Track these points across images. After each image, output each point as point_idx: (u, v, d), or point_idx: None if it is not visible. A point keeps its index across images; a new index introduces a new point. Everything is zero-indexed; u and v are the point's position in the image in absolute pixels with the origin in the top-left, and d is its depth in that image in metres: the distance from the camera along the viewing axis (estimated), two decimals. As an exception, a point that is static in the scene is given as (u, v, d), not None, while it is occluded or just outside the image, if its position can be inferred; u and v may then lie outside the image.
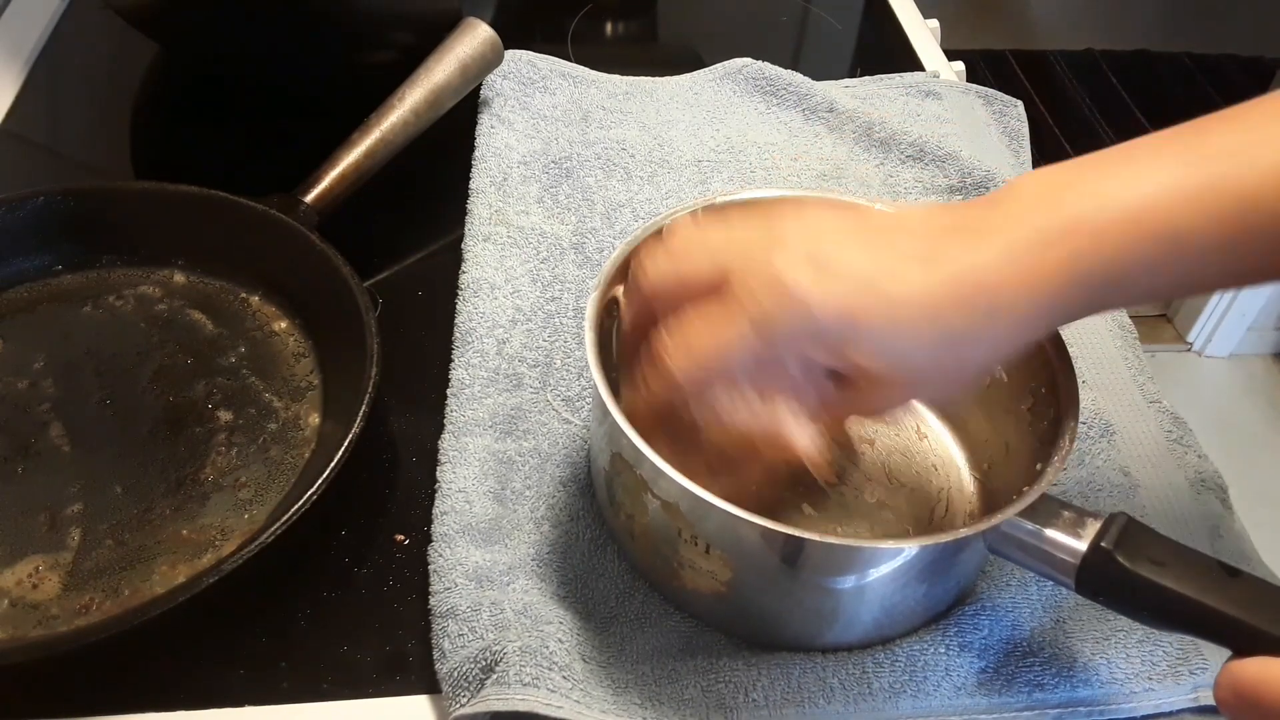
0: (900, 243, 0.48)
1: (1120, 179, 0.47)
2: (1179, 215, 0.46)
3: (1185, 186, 0.46)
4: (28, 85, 0.93)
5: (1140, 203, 0.46)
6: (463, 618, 0.54)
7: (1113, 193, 0.46)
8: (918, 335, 0.47)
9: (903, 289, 0.46)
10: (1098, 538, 0.49)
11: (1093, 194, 0.47)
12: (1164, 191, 0.46)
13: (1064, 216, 0.46)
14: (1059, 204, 0.47)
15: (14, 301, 0.71)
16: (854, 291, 0.46)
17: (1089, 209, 0.46)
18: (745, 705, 0.52)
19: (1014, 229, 0.47)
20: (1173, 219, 0.46)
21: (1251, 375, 2.18)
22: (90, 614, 0.56)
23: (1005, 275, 0.46)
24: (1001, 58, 2.60)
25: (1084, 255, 0.46)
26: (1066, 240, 0.46)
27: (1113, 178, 0.47)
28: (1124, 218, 0.46)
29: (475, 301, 0.71)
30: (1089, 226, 0.46)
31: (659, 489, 0.52)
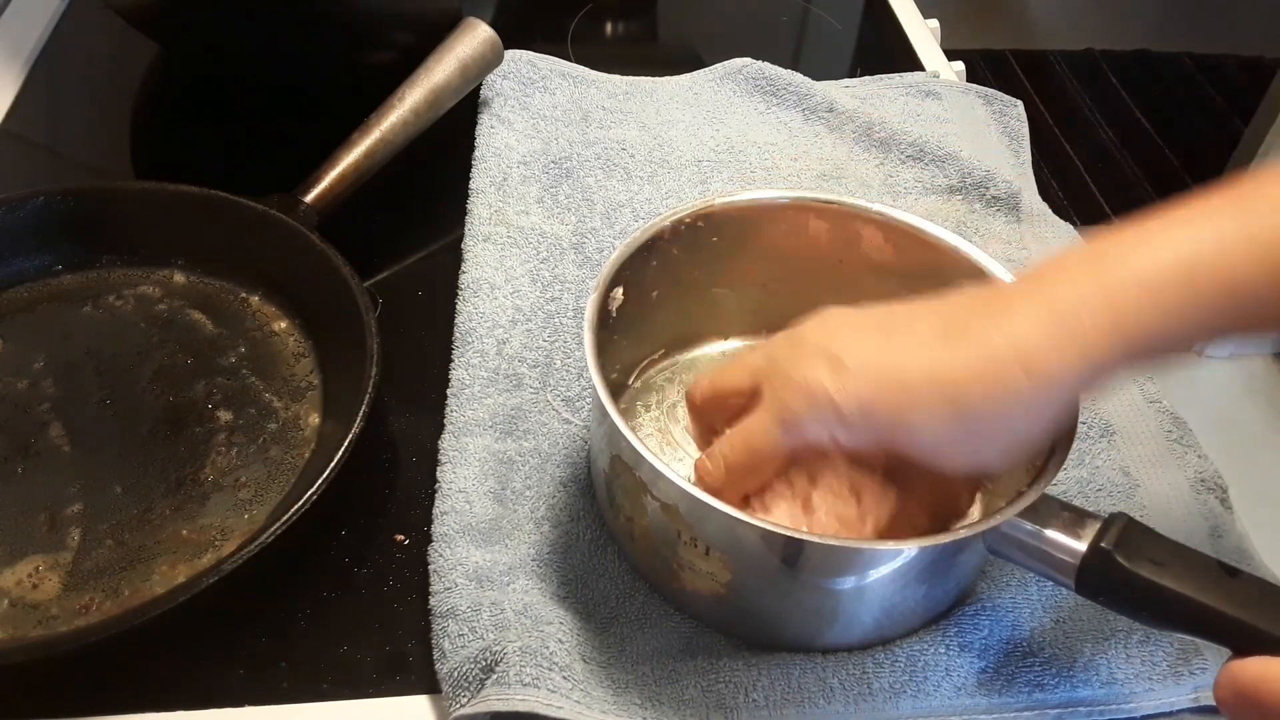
0: (921, 327, 0.50)
1: (1151, 241, 0.48)
2: (1219, 264, 0.46)
3: (1219, 238, 0.47)
4: (28, 85, 0.93)
5: (1176, 258, 0.47)
6: (463, 618, 0.54)
7: (1146, 255, 0.47)
8: (934, 415, 0.48)
9: (922, 373, 0.48)
10: (1097, 538, 0.49)
11: (1126, 260, 0.48)
12: (1200, 244, 0.47)
13: (1103, 283, 0.47)
14: (1095, 272, 0.47)
15: (14, 301, 0.71)
16: (874, 385, 0.49)
17: (1124, 273, 0.47)
18: (745, 705, 0.52)
19: (1051, 299, 0.48)
20: (1211, 269, 0.46)
21: (1251, 375, 2.17)
22: (90, 614, 0.56)
23: (1042, 342, 0.47)
24: (1001, 58, 2.60)
25: (1124, 316, 0.47)
26: (1107, 305, 0.47)
27: (1145, 241, 0.48)
28: (1160, 276, 0.47)
29: (475, 301, 0.71)
30: (1127, 289, 0.47)
31: (658, 491, 0.52)
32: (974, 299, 0.50)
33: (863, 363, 0.49)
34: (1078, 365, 0.47)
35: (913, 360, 0.49)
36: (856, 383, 0.49)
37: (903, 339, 0.50)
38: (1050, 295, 0.48)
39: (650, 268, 0.64)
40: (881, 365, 0.49)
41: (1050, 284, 0.48)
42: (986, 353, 0.47)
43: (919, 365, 0.48)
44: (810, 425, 0.50)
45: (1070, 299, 0.47)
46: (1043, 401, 0.48)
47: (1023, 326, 0.47)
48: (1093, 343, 0.47)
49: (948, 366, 0.48)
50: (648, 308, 0.65)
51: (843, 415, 0.49)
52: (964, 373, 0.48)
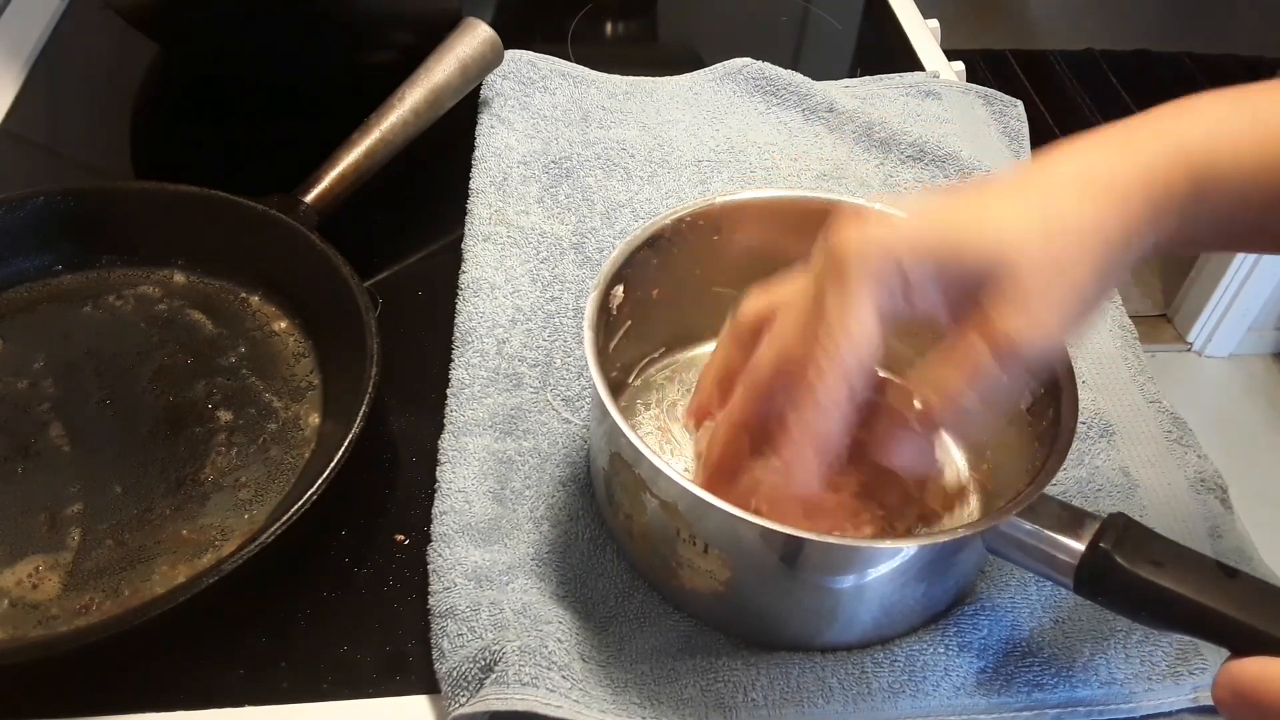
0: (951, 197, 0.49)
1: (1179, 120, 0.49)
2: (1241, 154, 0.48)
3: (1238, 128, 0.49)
4: (28, 85, 0.93)
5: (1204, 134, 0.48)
6: (462, 617, 0.54)
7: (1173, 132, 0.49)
8: (1006, 217, 0.46)
9: (972, 195, 0.48)
10: (1096, 538, 0.49)
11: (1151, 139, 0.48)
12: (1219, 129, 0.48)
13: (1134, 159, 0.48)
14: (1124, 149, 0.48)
15: (14, 301, 0.71)
16: (920, 225, 0.47)
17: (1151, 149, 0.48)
18: (744, 705, 0.52)
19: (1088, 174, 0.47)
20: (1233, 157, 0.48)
21: (1251, 375, 2.18)
22: (90, 614, 0.56)
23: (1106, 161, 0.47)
24: (1001, 58, 2.60)
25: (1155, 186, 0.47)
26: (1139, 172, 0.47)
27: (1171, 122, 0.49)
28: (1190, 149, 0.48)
29: (475, 301, 0.71)
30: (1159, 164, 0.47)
31: (657, 488, 0.52)
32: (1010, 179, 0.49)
33: (902, 219, 0.47)
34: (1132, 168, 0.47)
35: (960, 199, 0.48)
36: (905, 228, 0.46)
37: (938, 204, 0.48)
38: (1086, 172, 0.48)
39: (651, 266, 0.64)
40: (928, 215, 0.47)
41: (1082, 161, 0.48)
42: (1040, 167, 0.48)
43: (967, 199, 0.47)
44: (856, 265, 0.45)
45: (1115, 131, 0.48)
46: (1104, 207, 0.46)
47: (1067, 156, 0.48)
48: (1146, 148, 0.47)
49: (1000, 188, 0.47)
50: (648, 306, 0.65)
51: (894, 250, 0.45)
52: (1021, 184, 0.47)
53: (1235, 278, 2.09)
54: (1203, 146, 0.48)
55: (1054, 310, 0.45)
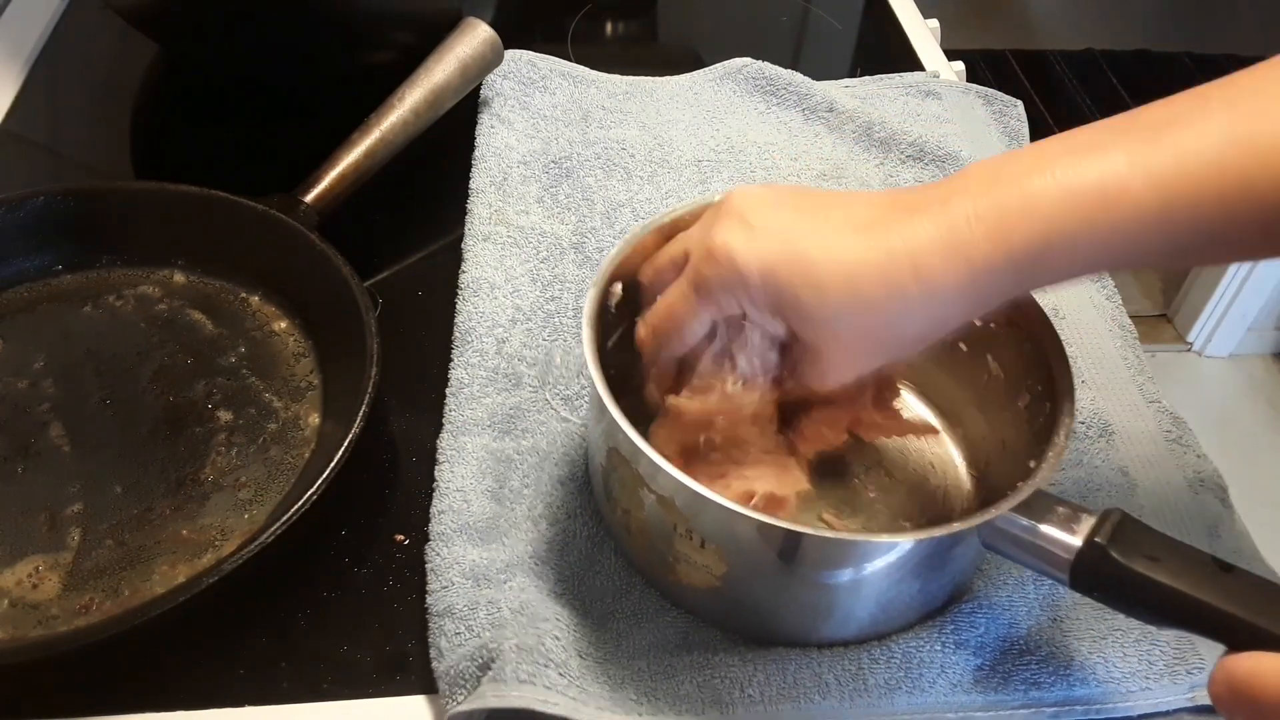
0: (837, 214, 0.51)
1: (1060, 159, 0.48)
2: (1115, 186, 0.46)
3: (1124, 159, 0.47)
4: (28, 85, 0.93)
5: (1080, 179, 0.47)
6: (459, 616, 0.54)
7: (1051, 173, 0.48)
8: (835, 298, 0.50)
9: (824, 253, 0.50)
10: (1092, 533, 0.49)
11: (1030, 177, 0.48)
12: (1105, 166, 0.47)
13: (999, 193, 0.48)
14: (996, 182, 0.48)
15: (14, 301, 0.71)
16: (778, 250, 0.51)
17: (1025, 190, 0.48)
18: (741, 700, 0.52)
19: (953, 207, 0.48)
20: (1108, 191, 0.46)
21: (1251, 375, 2.18)
22: (90, 614, 0.56)
23: (935, 249, 0.48)
24: (1001, 58, 2.59)
25: (1014, 235, 0.47)
26: (996, 213, 0.47)
27: (1054, 158, 0.48)
28: (1058, 190, 0.47)
29: (475, 301, 0.71)
30: (1021, 199, 0.47)
31: (655, 484, 0.52)
32: (888, 198, 0.51)
33: (771, 229, 0.51)
34: (964, 278, 0.48)
35: (819, 240, 0.50)
36: (762, 245, 0.51)
37: (815, 220, 0.51)
38: (948, 205, 0.48)
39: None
40: (790, 235, 0.51)
41: (953, 194, 0.49)
42: (885, 249, 0.49)
43: (824, 245, 0.50)
44: (717, 286, 0.52)
45: (964, 211, 0.48)
46: (929, 307, 0.49)
47: (920, 231, 0.48)
48: (979, 257, 0.47)
49: (849, 254, 0.49)
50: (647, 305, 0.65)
51: (744, 275, 0.51)
52: (862, 263, 0.49)
53: (1235, 278, 2.09)
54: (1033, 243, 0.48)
55: (845, 375, 0.55)
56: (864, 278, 0.49)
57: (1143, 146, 0.47)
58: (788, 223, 0.51)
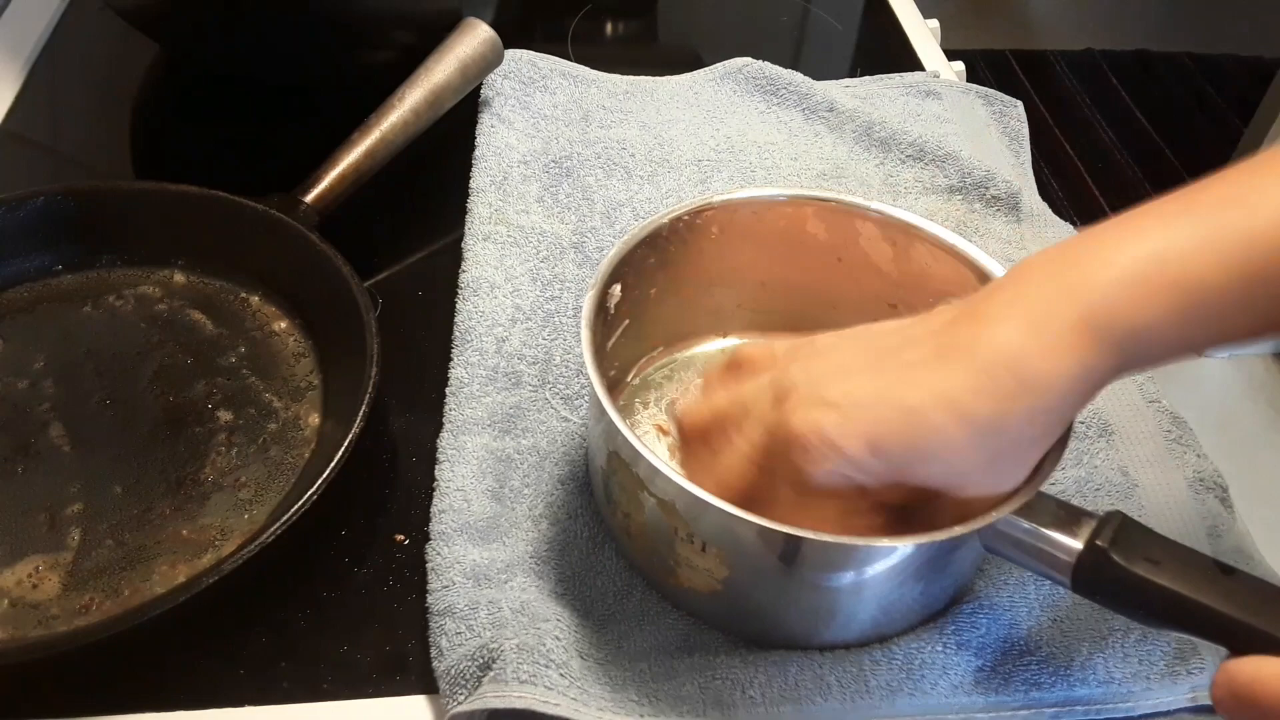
0: (908, 353, 0.49)
1: (1123, 239, 0.47)
2: (1186, 265, 0.46)
3: (1189, 237, 0.46)
4: (28, 85, 0.93)
5: (1146, 258, 0.46)
6: (460, 616, 0.54)
7: (1116, 253, 0.47)
8: (948, 436, 0.47)
9: (918, 396, 0.47)
10: (1093, 536, 0.49)
11: (1095, 259, 0.47)
12: (1169, 245, 0.46)
13: (1070, 283, 0.47)
14: (1064, 273, 0.47)
15: (14, 301, 0.71)
16: (872, 417, 0.47)
17: (1094, 272, 0.47)
18: (742, 702, 0.52)
19: (1025, 304, 0.47)
20: (1180, 270, 0.46)
21: (1251, 375, 2.17)
22: (90, 614, 0.56)
23: (1028, 348, 0.46)
24: (1001, 58, 2.60)
25: (1099, 316, 0.46)
26: (1078, 304, 0.46)
27: (1115, 240, 0.48)
28: (1130, 275, 0.46)
29: (475, 300, 0.71)
30: (1098, 289, 0.46)
31: (655, 488, 0.52)
32: (955, 314, 0.49)
33: (859, 400, 0.48)
34: (1067, 368, 0.46)
35: (910, 386, 0.48)
36: (858, 421, 0.47)
37: (893, 367, 0.49)
38: (1023, 302, 0.47)
39: (649, 265, 0.64)
40: (880, 398, 0.48)
41: (1021, 289, 0.48)
42: (979, 365, 0.47)
43: (918, 390, 0.47)
44: (822, 476, 0.48)
45: (1041, 303, 0.47)
46: (1045, 408, 0.47)
47: (1004, 335, 0.47)
48: (1072, 345, 0.46)
49: (947, 385, 0.47)
50: (646, 305, 0.65)
51: (851, 457, 0.47)
52: (964, 389, 0.47)
53: (1235, 278, 2.09)
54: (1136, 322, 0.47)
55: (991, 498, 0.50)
56: (973, 402, 0.46)
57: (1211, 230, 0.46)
58: (868, 384, 0.48)
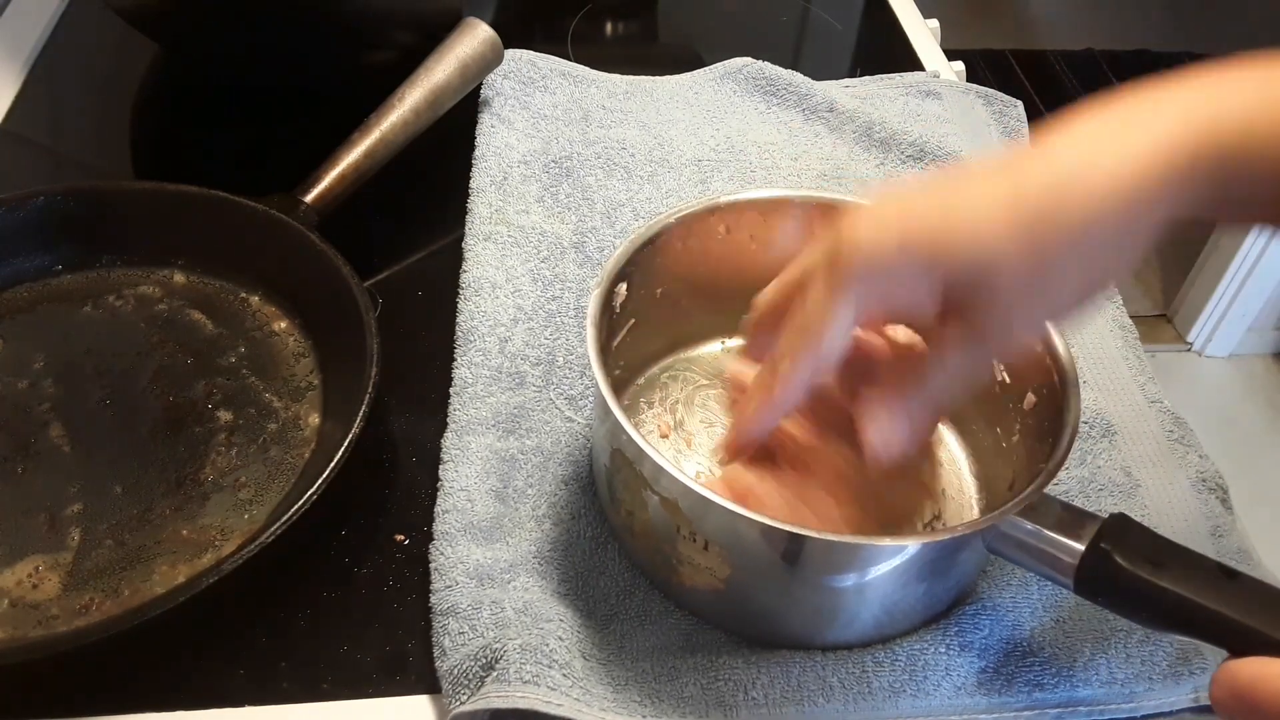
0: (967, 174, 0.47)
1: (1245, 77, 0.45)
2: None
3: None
4: (28, 85, 0.93)
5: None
6: (463, 616, 0.54)
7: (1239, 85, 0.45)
8: (985, 213, 0.44)
9: (961, 193, 0.46)
10: (1096, 538, 0.49)
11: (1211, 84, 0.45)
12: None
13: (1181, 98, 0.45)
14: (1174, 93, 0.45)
15: (14, 301, 0.71)
16: (909, 214, 0.46)
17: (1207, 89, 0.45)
18: (745, 703, 0.52)
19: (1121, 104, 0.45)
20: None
21: (1251, 375, 2.18)
22: (90, 614, 0.55)
23: (1111, 131, 0.44)
24: (1001, 58, 2.60)
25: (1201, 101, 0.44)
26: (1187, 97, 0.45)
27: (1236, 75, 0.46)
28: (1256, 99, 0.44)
29: (477, 300, 0.71)
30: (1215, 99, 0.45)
31: (659, 486, 0.52)
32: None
33: (891, 207, 0.46)
34: (1139, 141, 0.44)
35: (956, 189, 0.46)
36: (893, 219, 0.46)
37: (933, 186, 0.47)
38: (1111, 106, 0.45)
39: (655, 264, 0.64)
40: (921, 200, 0.46)
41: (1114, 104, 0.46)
42: (1041, 153, 0.45)
43: (963, 190, 0.45)
44: (857, 275, 0.46)
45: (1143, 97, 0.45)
46: (1105, 187, 0.44)
47: (1089, 122, 0.45)
48: (1170, 117, 0.44)
49: (996, 180, 0.45)
50: (652, 305, 0.65)
51: (883, 252, 0.45)
52: (1019, 174, 0.44)
53: (1235, 278, 2.09)
54: (1238, 117, 0.44)
55: (1032, 324, 0.47)
56: (1026, 182, 0.44)
57: None
58: (905, 198, 0.47)
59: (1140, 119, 0.45)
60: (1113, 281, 0.47)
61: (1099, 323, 0.74)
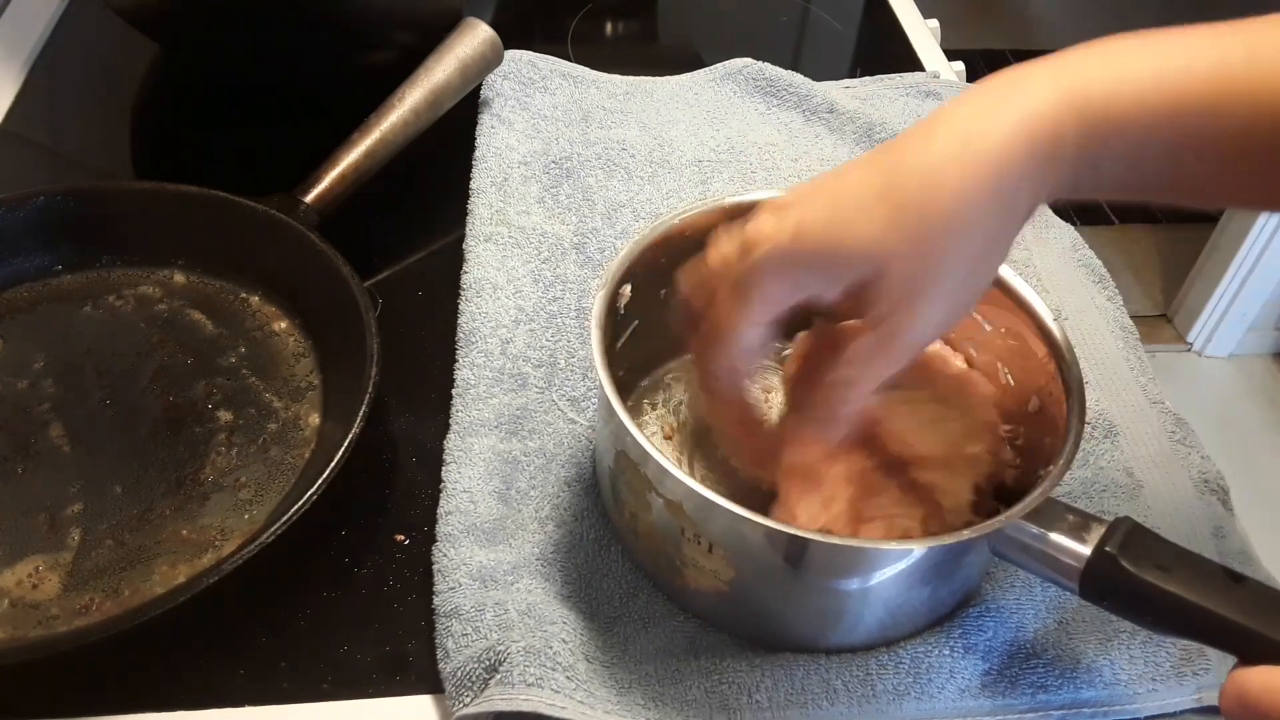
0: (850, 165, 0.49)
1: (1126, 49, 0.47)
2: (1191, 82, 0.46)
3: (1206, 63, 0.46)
4: (28, 85, 0.93)
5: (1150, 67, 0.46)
6: (467, 617, 0.54)
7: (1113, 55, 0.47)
8: (864, 205, 0.46)
9: (849, 179, 0.47)
10: (1102, 542, 0.49)
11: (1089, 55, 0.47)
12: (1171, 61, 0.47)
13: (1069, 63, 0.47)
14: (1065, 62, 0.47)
15: (14, 301, 0.71)
16: (805, 208, 0.47)
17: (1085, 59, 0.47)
18: (749, 706, 0.52)
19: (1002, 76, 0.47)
20: (1180, 85, 0.46)
21: (1251, 375, 2.18)
22: (90, 614, 0.55)
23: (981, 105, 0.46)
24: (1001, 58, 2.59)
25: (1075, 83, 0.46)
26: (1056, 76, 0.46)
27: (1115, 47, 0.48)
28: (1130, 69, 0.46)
29: (478, 302, 0.71)
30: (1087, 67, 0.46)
31: (663, 488, 0.52)
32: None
33: (800, 197, 0.48)
34: (1012, 112, 0.45)
35: (847, 175, 0.48)
36: (790, 214, 0.47)
37: (840, 174, 0.48)
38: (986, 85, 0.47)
39: (659, 266, 0.63)
40: (817, 191, 0.48)
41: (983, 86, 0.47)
42: (917, 137, 0.46)
43: (852, 174, 0.47)
44: (758, 275, 0.48)
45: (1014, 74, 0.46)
46: (976, 160, 0.45)
47: (959, 105, 0.46)
48: (1035, 92, 0.45)
49: (865, 167, 0.47)
50: (656, 306, 0.65)
51: (777, 246, 0.47)
52: (895, 162, 0.46)
53: (1235, 278, 2.09)
54: (1103, 86, 0.46)
55: (928, 304, 0.47)
56: (898, 163, 0.46)
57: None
58: (803, 193, 0.49)
59: (1009, 95, 0.46)
60: (1000, 262, 0.49)
61: (1100, 324, 0.74)
